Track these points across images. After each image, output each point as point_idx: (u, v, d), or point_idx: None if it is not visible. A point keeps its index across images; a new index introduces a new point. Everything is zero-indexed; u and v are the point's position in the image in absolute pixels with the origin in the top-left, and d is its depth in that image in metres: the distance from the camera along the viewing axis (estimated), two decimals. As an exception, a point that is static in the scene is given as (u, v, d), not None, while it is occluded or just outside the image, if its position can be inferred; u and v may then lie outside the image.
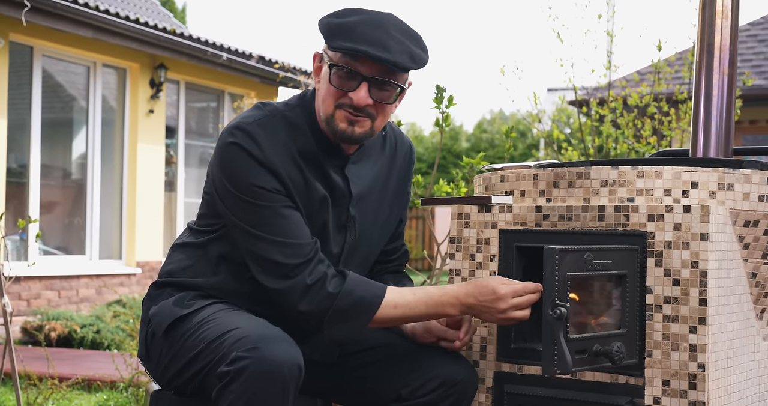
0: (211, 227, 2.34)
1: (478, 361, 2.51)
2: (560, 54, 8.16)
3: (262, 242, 2.21)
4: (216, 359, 2.13)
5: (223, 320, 2.20)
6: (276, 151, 2.23)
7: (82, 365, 6.59)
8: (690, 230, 2.23)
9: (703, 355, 2.20)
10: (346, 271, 2.27)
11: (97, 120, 9.89)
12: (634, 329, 2.26)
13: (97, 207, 9.85)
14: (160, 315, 2.30)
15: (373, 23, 2.23)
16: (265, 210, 2.21)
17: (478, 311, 2.28)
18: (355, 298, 2.22)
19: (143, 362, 2.39)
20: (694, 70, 2.94)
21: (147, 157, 10.31)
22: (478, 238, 2.53)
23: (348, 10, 2.28)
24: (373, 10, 2.30)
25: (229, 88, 11.81)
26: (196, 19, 66.82)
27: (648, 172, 2.33)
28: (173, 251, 2.42)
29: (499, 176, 2.57)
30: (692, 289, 2.22)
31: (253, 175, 2.20)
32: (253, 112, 2.30)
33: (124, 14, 9.31)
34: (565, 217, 2.39)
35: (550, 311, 2.06)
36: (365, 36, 2.20)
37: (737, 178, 2.33)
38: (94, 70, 9.89)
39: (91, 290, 9.46)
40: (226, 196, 2.25)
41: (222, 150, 2.25)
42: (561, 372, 2.06)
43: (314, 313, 2.21)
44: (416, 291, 2.30)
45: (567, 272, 2.10)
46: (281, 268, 2.20)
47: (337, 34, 2.22)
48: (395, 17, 2.30)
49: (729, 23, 2.89)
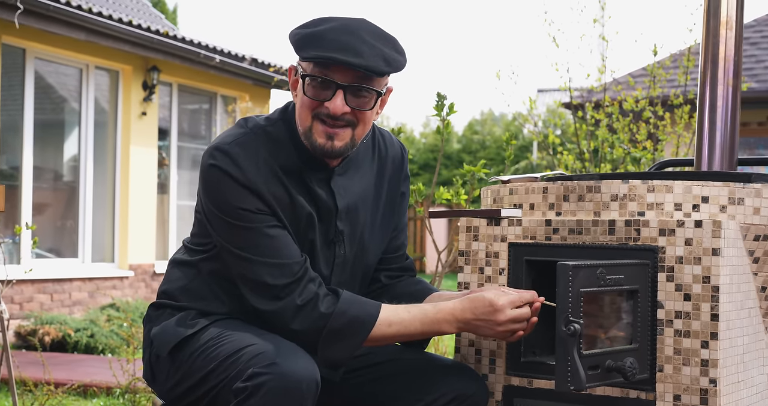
0: (203, 247, 2.32)
1: (488, 374, 2.50)
2: (556, 58, 8.18)
3: (250, 264, 2.18)
4: (231, 375, 2.11)
5: (236, 337, 2.17)
6: (257, 170, 2.19)
7: (77, 370, 6.56)
8: (702, 244, 2.23)
9: (714, 370, 2.20)
10: (338, 289, 2.24)
11: (89, 122, 9.85)
12: (645, 343, 2.26)
13: (89, 209, 9.81)
14: (163, 336, 2.27)
15: (344, 29, 2.18)
16: (250, 231, 2.18)
17: (475, 326, 2.25)
18: (349, 317, 2.19)
19: (149, 382, 2.37)
20: (699, 80, 2.94)
21: (139, 160, 10.28)
22: (487, 251, 2.52)
23: (317, 19, 2.24)
24: (344, 17, 2.25)
25: (222, 90, 11.78)
26: (188, 20, 66.76)
27: (659, 187, 2.33)
28: (170, 268, 2.40)
29: (507, 189, 2.57)
30: (704, 304, 2.22)
31: (235, 197, 2.17)
32: (233, 131, 2.26)
33: (116, 16, 9.28)
34: (575, 231, 2.39)
35: (563, 327, 2.06)
36: (336, 42, 2.15)
37: (747, 192, 2.33)
38: (87, 73, 9.86)
39: (84, 293, 9.43)
40: (212, 218, 2.22)
41: (204, 173, 2.23)
42: (575, 389, 2.06)
43: (307, 333, 2.17)
44: (411, 309, 2.26)
45: (580, 288, 2.09)
46: (271, 289, 2.18)
47: (307, 43, 2.18)
48: (368, 22, 2.25)
49: (733, 34, 2.89)
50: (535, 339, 2.45)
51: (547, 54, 18.18)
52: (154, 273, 10.40)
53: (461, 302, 2.26)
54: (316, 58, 2.16)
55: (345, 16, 2.25)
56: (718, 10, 2.89)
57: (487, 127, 24.93)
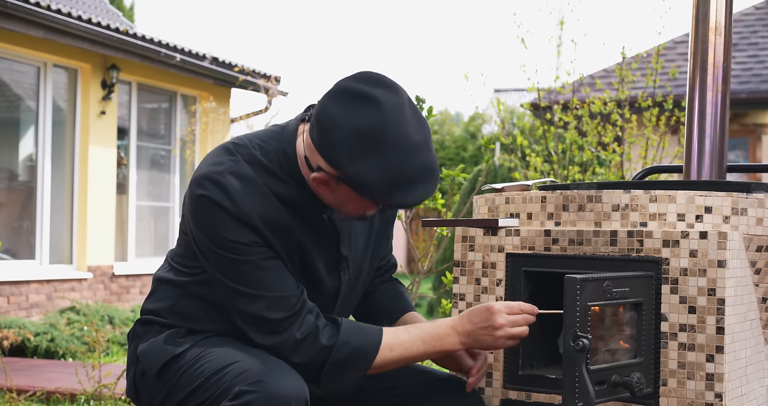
0: (190, 270, 2.21)
1: (484, 388, 2.44)
2: (524, 59, 8.15)
3: (245, 297, 2.08)
4: (217, 393, 2.04)
5: (222, 354, 2.10)
6: (251, 201, 2.07)
7: (38, 376, 6.40)
8: (707, 256, 2.19)
9: (720, 384, 2.16)
10: (337, 318, 2.15)
11: (47, 121, 9.66)
12: (649, 357, 2.21)
13: (47, 210, 9.62)
14: (151, 354, 2.18)
15: (428, 167, 2.01)
16: (245, 264, 2.07)
17: (476, 336, 2.18)
18: (351, 348, 2.11)
19: (133, 400, 2.29)
20: (687, 86, 2.90)
21: (98, 160, 10.11)
22: (484, 262, 2.46)
23: (387, 126, 1.97)
24: (412, 128, 2.00)
25: (182, 89, 11.63)
26: (145, 18, 66.11)
27: (661, 197, 2.29)
28: (156, 284, 2.30)
29: (503, 197, 2.51)
30: (709, 317, 2.18)
31: (228, 230, 2.05)
32: (223, 158, 2.11)
33: (75, 14, 9.10)
34: (575, 241, 2.34)
35: (571, 343, 2.01)
36: (422, 192, 2.01)
37: (750, 202, 2.30)
38: (45, 71, 9.66)
39: (42, 295, 9.24)
40: (204, 249, 2.11)
41: (193, 202, 2.09)
42: (584, 405, 2.01)
43: (309, 366, 2.10)
44: (410, 329, 2.20)
45: (588, 301, 2.04)
46: (268, 323, 2.09)
47: (395, 188, 1.98)
48: (429, 135, 2.08)
49: (723, 40, 2.86)
50: (534, 352, 2.40)
51: (513, 55, 18.23)
52: (113, 275, 10.23)
53: (459, 316, 2.21)
54: (398, 206, 2.04)
55: (398, 121, 1.99)
56: (707, 16, 2.85)
57: (446, 127, 24.93)
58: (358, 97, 1.98)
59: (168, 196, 11.61)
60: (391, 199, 2.00)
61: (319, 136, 1.99)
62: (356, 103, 1.98)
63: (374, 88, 2.00)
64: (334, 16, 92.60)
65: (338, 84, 2.03)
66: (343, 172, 1.97)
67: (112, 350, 7.87)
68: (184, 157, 11.64)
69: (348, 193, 2.04)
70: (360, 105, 1.97)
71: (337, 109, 1.98)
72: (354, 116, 1.96)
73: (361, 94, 1.98)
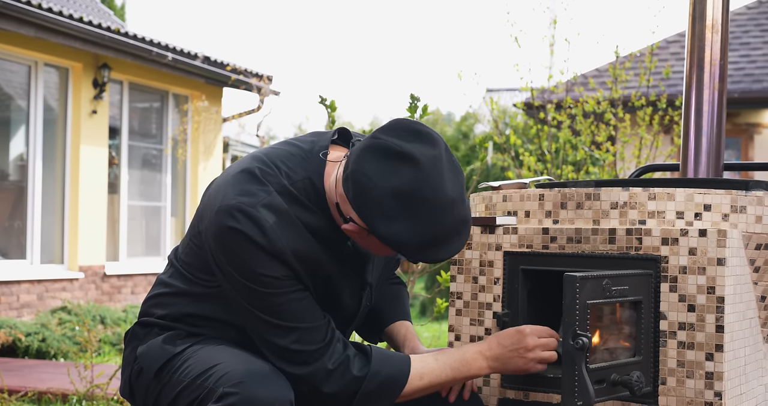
0: (203, 282, 2.16)
1: (482, 387, 2.43)
2: (517, 58, 8.13)
3: (277, 329, 2.05)
4: (202, 395, 2.03)
5: (205, 355, 2.09)
6: (284, 235, 2.02)
7: (29, 376, 6.37)
8: (706, 254, 2.17)
9: (720, 383, 2.15)
10: (365, 347, 2.14)
11: (38, 120, 9.62)
12: (648, 356, 2.20)
13: (38, 209, 9.58)
14: (150, 355, 2.16)
15: (463, 226, 2.00)
16: (276, 297, 2.04)
17: (506, 359, 2.17)
18: (382, 378, 2.10)
19: (127, 399, 2.27)
20: (684, 84, 2.89)
21: (90, 159, 10.06)
22: (481, 260, 2.45)
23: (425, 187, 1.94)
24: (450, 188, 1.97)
25: (174, 88, 11.59)
26: (136, 17, 65.90)
27: (660, 194, 2.27)
28: (160, 288, 2.25)
29: (500, 195, 2.49)
30: (708, 315, 2.17)
31: (260, 265, 2.01)
32: (253, 188, 2.04)
33: (67, 13, 9.06)
34: (573, 239, 2.32)
35: (571, 341, 1.99)
36: (453, 249, 2.00)
37: (750, 200, 2.29)
38: (36, 70, 9.62)
39: (33, 295, 9.20)
40: (231, 280, 2.06)
41: (222, 232, 2.02)
42: (583, 404, 1.99)
43: (340, 396, 2.08)
44: (438, 356, 2.18)
45: (587, 300, 2.02)
46: (299, 354, 2.06)
47: (429, 249, 1.97)
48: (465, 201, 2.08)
49: (719, 37, 2.85)
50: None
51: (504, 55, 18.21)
52: (104, 274, 10.19)
53: (486, 340, 2.20)
54: (431, 262, 2.03)
55: (434, 178, 1.95)
56: (704, 14, 2.84)
57: (438, 127, 24.90)
58: (396, 156, 1.93)
59: (159, 195, 11.57)
60: (425, 257, 1.98)
61: (354, 193, 1.94)
62: (393, 162, 1.93)
63: (411, 143, 1.95)
64: (325, 15, 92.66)
65: (374, 138, 1.97)
66: (376, 231, 1.95)
67: (103, 350, 7.84)
68: (176, 157, 11.60)
69: (379, 244, 2.01)
70: (397, 164, 1.93)
71: (373, 169, 1.93)
72: (391, 176, 1.92)
73: (398, 152, 1.93)
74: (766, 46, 12.57)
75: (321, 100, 3.84)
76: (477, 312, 2.45)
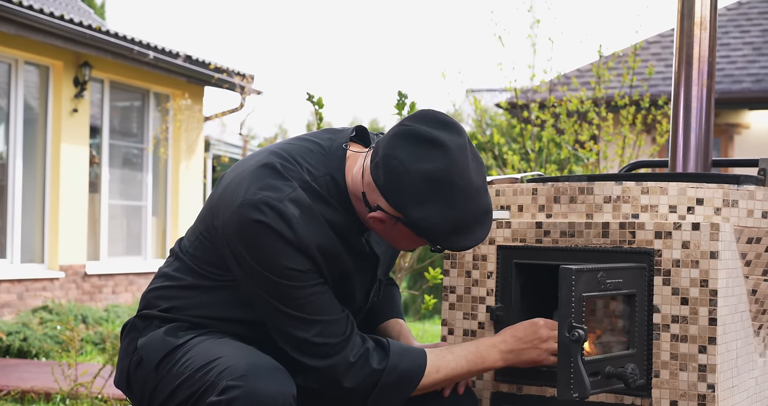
0: (214, 276, 2.16)
1: (475, 381, 2.43)
2: (501, 58, 8.16)
3: (298, 321, 2.06)
4: (203, 389, 2.01)
5: (207, 348, 2.08)
6: (309, 229, 2.04)
7: (11, 375, 6.33)
8: (699, 247, 2.19)
9: (713, 375, 2.16)
10: (383, 340, 2.15)
11: (18, 119, 9.56)
12: (642, 349, 2.21)
13: (18, 209, 9.52)
14: (150, 346, 2.15)
15: (485, 212, 2.02)
16: (299, 290, 2.04)
17: (520, 351, 2.21)
18: (401, 371, 2.11)
19: (123, 391, 2.26)
20: (673, 81, 2.91)
21: (70, 158, 10.01)
22: (474, 254, 2.45)
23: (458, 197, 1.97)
24: (472, 174, 2.00)
25: (155, 87, 11.55)
26: (116, 15, 65.54)
27: (653, 188, 2.29)
28: (163, 281, 2.23)
29: (493, 190, 2.50)
30: (701, 308, 2.18)
31: (285, 257, 2.02)
32: (278, 182, 2.04)
33: (47, 10, 9.01)
34: (567, 233, 2.33)
35: (567, 333, 2.00)
36: (479, 235, 2.02)
37: (741, 194, 2.30)
38: (16, 68, 9.56)
39: (13, 295, 9.14)
40: (250, 270, 2.06)
41: (246, 226, 2.01)
42: (579, 397, 2.00)
43: (359, 389, 2.09)
44: (452, 349, 2.21)
45: (583, 292, 2.03)
46: (321, 347, 2.07)
47: (455, 234, 1.99)
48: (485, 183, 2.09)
49: (708, 34, 2.87)
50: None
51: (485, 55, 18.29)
52: (85, 274, 10.14)
53: (500, 334, 2.25)
54: (455, 249, 2.04)
55: (462, 164, 1.98)
56: (692, 11, 2.86)
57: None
58: (426, 141, 1.96)
59: (141, 195, 11.52)
60: (450, 244, 2.00)
61: (385, 178, 1.96)
62: (424, 147, 1.96)
63: (440, 130, 1.98)
64: (306, 14, 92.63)
65: (403, 126, 2.00)
66: (407, 216, 1.96)
67: (86, 350, 7.80)
68: (157, 156, 11.55)
69: (405, 233, 2.03)
70: (428, 150, 1.95)
71: (405, 153, 1.96)
72: (422, 161, 1.95)
73: (428, 138, 1.96)
74: (746, 47, 12.66)
75: (309, 96, 3.84)
76: (470, 306, 2.45)
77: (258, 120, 54.14)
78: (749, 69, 12.18)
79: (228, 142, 15.47)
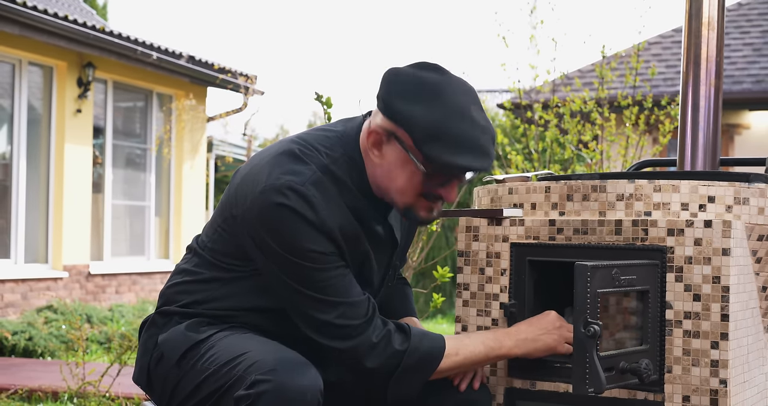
0: (236, 267, 2.18)
1: (489, 377, 2.46)
2: (504, 58, 8.19)
3: (320, 304, 2.09)
4: (230, 382, 2.03)
5: (232, 343, 2.10)
6: (331, 212, 2.08)
7: (17, 374, 6.36)
8: (711, 244, 2.22)
9: (725, 371, 2.19)
10: (403, 324, 2.19)
11: (22, 119, 9.59)
12: (655, 344, 2.24)
13: (22, 209, 9.55)
14: (172, 341, 2.17)
15: (483, 129, 2.08)
16: (321, 273, 2.08)
17: (535, 337, 2.28)
18: (421, 353, 2.16)
19: (143, 388, 2.27)
20: (681, 80, 2.94)
21: (74, 158, 10.04)
22: (488, 251, 2.48)
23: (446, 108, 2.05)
24: (462, 92, 2.10)
25: (158, 88, 11.58)
26: (118, 16, 65.44)
27: (665, 186, 2.32)
28: (183, 276, 2.26)
29: (506, 188, 2.53)
30: (714, 304, 2.21)
31: (308, 240, 2.05)
32: (298, 167, 2.09)
33: (51, 11, 9.04)
34: (580, 231, 2.36)
35: (582, 329, 2.03)
36: (483, 150, 2.07)
37: (752, 192, 2.33)
38: (20, 68, 9.59)
39: (17, 294, 9.17)
40: (273, 255, 2.08)
41: (270, 209, 2.04)
42: (594, 391, 2.03)
43: (381, 370, 2.13)
44: (470, 334, 2.28)
45: (597, 288, 2.06)
46: (343, 329, 2.10)
47: (461, 148, 2.03)
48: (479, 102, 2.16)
49: (715, 34, 2.90)
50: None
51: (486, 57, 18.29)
52: (89, 274, 10.17)
53: (515, 324, 2.33)
54: (440, 163, 2.05)
55: (460, 89, 2.10)
56: (700, 11, 2.89)
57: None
58: (425, 66, 2.12)
59: (144, 195, 11.55)
60: (432, 152, 2.03)
61: (383, 83, 2.09)
62: (423, 69, 2.11)
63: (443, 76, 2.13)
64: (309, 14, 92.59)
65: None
66: (392, 108, 2.06)
67: (91, 349, 7.83)
68: (161, 156, 11.58)
69: (396, 155, 2.09)
70: (427, 71, 2.10)
71: (403, 69, 2.11)
72: (420, 72, 2.09)
73: (427, 64, 2.12)
74: (746, 48, 12.70)
75: (317, 96, 3.87)
76: (484, 303, 2.48)
77: (259, 120, 54.09)
78: (749, 70, 12.22)
79: (231, 143, 15.50)
